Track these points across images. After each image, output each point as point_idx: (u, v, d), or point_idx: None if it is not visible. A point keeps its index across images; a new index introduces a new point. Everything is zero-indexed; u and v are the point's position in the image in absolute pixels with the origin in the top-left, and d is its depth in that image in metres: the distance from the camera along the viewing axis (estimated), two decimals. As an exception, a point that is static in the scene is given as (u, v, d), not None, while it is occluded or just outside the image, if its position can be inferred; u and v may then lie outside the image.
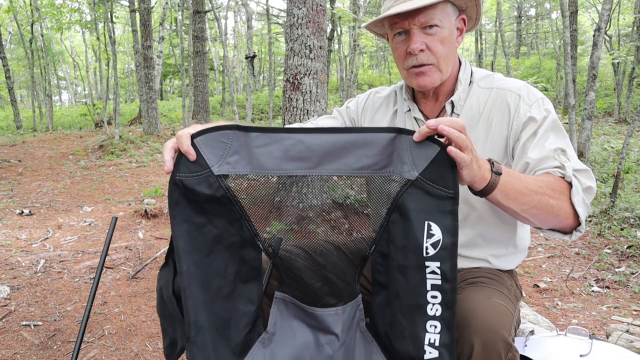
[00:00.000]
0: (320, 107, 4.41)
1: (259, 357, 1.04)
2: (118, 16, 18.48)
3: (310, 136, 0.91)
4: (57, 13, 13.34)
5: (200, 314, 0.94)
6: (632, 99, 11.17)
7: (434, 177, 0.89)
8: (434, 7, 1.12)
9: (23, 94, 29.97)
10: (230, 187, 0.95)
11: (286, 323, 1.08)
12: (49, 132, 12.34)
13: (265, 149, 0.92)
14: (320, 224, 1.09)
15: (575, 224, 1.03)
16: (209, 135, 0.92)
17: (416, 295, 0.91)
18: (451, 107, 1.22)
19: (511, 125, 1.16)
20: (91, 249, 3.74)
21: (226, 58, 9.01)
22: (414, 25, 1.13)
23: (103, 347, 2.23)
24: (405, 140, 0.89)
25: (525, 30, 23.14)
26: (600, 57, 6.49)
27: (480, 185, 0.92)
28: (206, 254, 0.96)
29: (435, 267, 0.89)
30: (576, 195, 1.01)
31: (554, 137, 1.11)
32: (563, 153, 1.07)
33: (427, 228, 0.89)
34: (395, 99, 1.35)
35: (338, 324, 1.04)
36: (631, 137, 4.97)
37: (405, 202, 0.91)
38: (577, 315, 2.70)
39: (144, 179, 7.12)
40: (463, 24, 1.22)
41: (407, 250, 0.91)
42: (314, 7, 4.27)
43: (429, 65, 1.16)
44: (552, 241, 4.03)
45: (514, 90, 1.18)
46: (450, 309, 0.90)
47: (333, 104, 16.29)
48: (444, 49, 1.15)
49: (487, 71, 1.28)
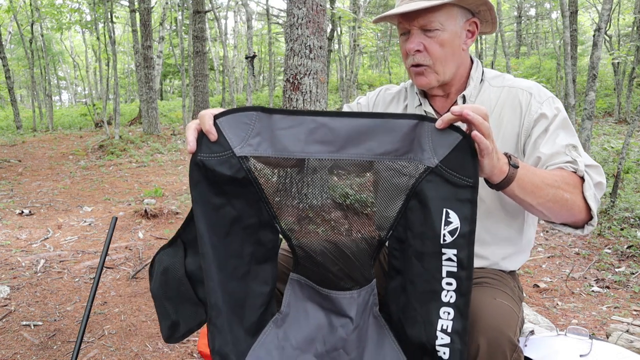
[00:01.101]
0: (320, 107, 4.41)
1: (272, 337, 1.04)
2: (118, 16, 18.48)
3: (334, 120, 0.91)
4: (57, 13, 13.35)
5: (220, 296, 0.95)
6: (632, 99, 11.17)
7: (454, 165, 0.88)
8: (436, 10, 1.13)
9: (23, 94, 29.97)
10: (251, 169, 0.95)
11: (300, 304, 1.08)
12: (49, 132, 12.34)
13: (289, 132, 0.92)
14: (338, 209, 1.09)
15: (587, 218, 1.05)
16: (232, 116, 0.92)
17: (431, 281, 0.91)
18: (463, 102, 1.24)
19: (522, 122, 1.18)
20: (91, 249, 3.74)
21: (226, 58, 9.01)
22: (414, 27, 1.16)
23: (103, 347, 2.23)
24: (427, 127, 0.89)
25: (525, 30, 23.14)
26: (600, 57, 6.49)
27: (498, 177, 0.92)
28: (224, 235, 0.96)
29: (452, 255, 0.89)
30: (588, 189, 1.03)
31: (565, 134, 1.14)
32: (574, 149, 1.09)
33: (445, 215, 0.89)
34: (405, 95, 1.38)
35: (352, 308, 1.05)
36: (631, 137, 4.97)
37: (424, 190, 0.91)
38: (577, 315, 2.70)
39: (144, 179, 7.12)
40: (475, 27, 1.23)
41: (424, 237, 0.91)
42: (314, 7, 4.27)
43: (425, 67, 1.18)
44: (552, 241, 4.03)
45: (525, 89, 1.21)
46: (465, 297, 0.90)
47: (333, 104, 16.29)
48: (443, 52, 1.17)
49: (498, 72, 1.30)
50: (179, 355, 2.20)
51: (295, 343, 1.06)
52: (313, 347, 1.06)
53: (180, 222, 4.59)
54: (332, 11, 12.13)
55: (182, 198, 5.77)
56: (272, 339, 1.04)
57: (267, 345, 1.03)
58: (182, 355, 2.20)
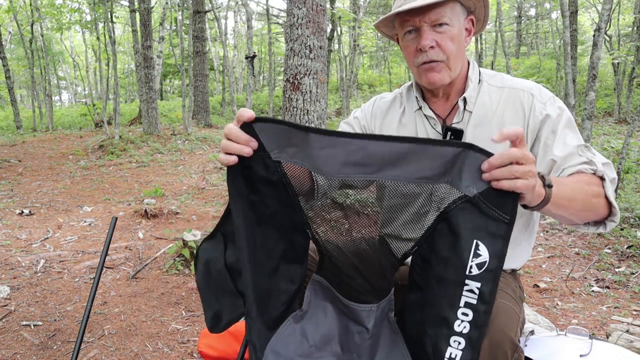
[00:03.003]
0: (320, 107, 4.41)
1: (289, 331, 1.06)
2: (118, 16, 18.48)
3: (373, 143, 0.88)
4: (57, 13, 13.34)
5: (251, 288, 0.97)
6: (632, 99, 11.17)
7: (492, 200, 0.85)
8: (444, 6, 1.13)
9: (23, 94, 29.96)
10: (286, 174, 0.96)
11: (320, 303, 1.10)
12: (49, 132, 12.33)
13: (325, 152, 0.90)
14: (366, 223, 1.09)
15: (608, 214, 1.06)
16: (269, 124, 0.91)
17: (447, 307, 0.89)
18: (464, 104, 1.23)
19: (527, 124, 1.18)
20: (91, 249, 3.74)
21: (226, 58, 9.01)
22: (425, 23, 1.14)
23: (103, 347, 2.23)
24: (471, 156, 0.85)
25: (525, 30, 23.13)
26: (600, 57, 6.49)
27: (536, 202, 0.89)
28: (256, 230, 0.97)
29: (475, 287, 0.87)
30: (609, 188, 1.04)
31: (572, 134, 1.14)
32: (587, 149, 1.10)
33: (475, 247, 0.86)
34: (401, 101, 1.36)
35: (370, 320, 1.05)
36: (631, 137, 4.97)
37: (456, 216, 0.88)
38: (577, 315, 2.70)
39: (144, 179, 7.12)
40: (472, 24, 1.24)
41: (449, 264, 0.89)
42: (314, 7, 4.27)
43: (438, 62, 1.16)
44: (552, 241, 4.03)
45: (527, 90, 1.21)
46: (479, 330, 0.87)
47: (333, 104, 16.28)
48: (454, 47, 1.16)
49: (494, 71, 1.30)
50: (179, 355, 2.20)
51: (312, 340, 1.07)
52: (328, 346, 1.07)
53: (180, 222, 4.59)
54: (332, 11, 12.13)
55: (182, 198, 5.77)
56: (289, 332, 1.06)
57: (284, 338, 1.05)
58: (182, 355, 2.20)
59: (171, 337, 2.37)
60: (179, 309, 2.69)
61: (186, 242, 3.27)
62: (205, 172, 7.64)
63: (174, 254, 3.39)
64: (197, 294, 2.89)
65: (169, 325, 2.48)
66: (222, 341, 2.11)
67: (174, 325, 2.49)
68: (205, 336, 2.17)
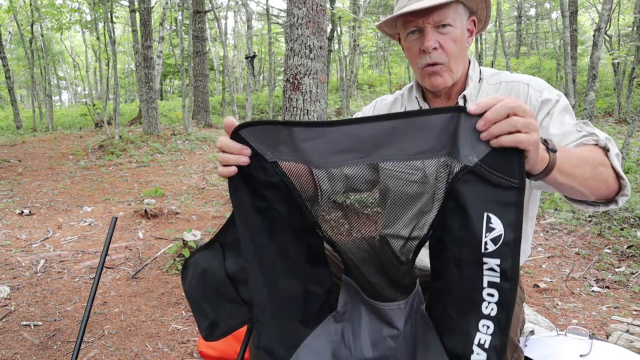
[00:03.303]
0: (320, 107, 4.41)
1: (331, 330, 1.04)
2: (118, 16, 18.48)
3: (359, 127, 0.83)
4: (57, 13, 13.35)
5: (265, 295, 0.95)
6: (632, 99, 11.17)
7: (496, 164, 0.77)
8: (448, 7, 1.14)
9: (23, 94, 29.96)
10: (285, 174, 0.94)
11: (355, 305, 1.07)
12: (49, 132, 12.34)
13: (310, 144, 0.87)
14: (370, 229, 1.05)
15: (618, 188, 1.00)
16: (254, 128, 0.90)
17: (471, 291, 0.82)
18: (464, 102, 1.24)
19: None
20: (91, 249, 3.74)
21: (226, 58, 9.01)
22: (428, 24, 1.14)
23: (103, 347, 2.23)
24: (464, 119, 0.78)
25: (525, 30, 23.13)
26: (600, 57, 6.49)
27: (541, 167, 0.83)
28: (270, 236, 0.95)
29: (495, 265, 0.80)
30: (614, 159, 0.99)
31: (570, 117, 1.12)
32: (586, 124, 1.06)
33: (487, 221, 0.79)
34: (402, 102, 1.36)
35: (400, 319, 1.01)
36: (631, 137, 4.97)
37: (461, 190, 0.81)
38: (577, 315, 2.70)
39: (144, 179, 7.12)
40: (473, 25, 1.24)
41: (463, 244, 0.83)
42: (314, 7, 4.27)
43: (441, 65, 1.17)
44: (552, 241, 4.03)
45: (523, 81, 1.21)
46: (507, 310, 0.81)
47: (333, 104, 16.27)
48: (456, 48, 1.17)
49: (495, 70, 1.30)
50: (179, 355, 2.20)
51: (347, 344, 1.05)
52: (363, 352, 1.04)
53: (180, 222, 4.59)
54: (332, 11, 12.13)
55: (182, 198, 5.77)
56: (329, 332, 1.04)
57: (323, 337, 1.03)
58: (182, 355, 2.20)
59: (171, 337, 2.36)
60: (179, 309, 2.69)
61: (186, 242, 3.27)
62: (205, 172, 7.64)
63: (174, 254, 3.39)
64: (197, 294, 2.90)
65: (169, 325, 2.48)
66: (222, 341, 2.10)
67: (174, 325, 2.49)
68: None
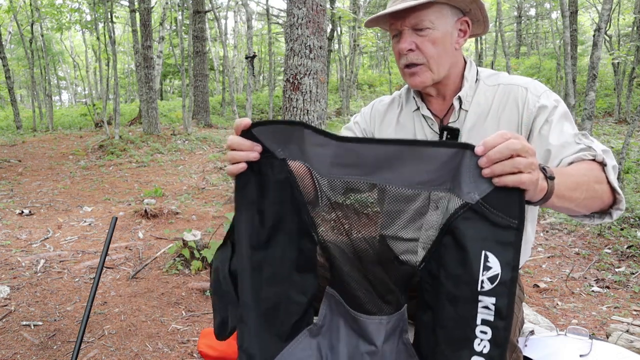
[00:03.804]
0: (320, 107, 4.41)
1: (305, 345, 1.03)
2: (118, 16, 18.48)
3: (361, 146, 0.85)
4: (57, 13, 13.35)
5: (252, 297, 0.95)
6: (632, 99, 11.17)
7: (497, 203, 0.78)
8: (426, 9, 1.15)
9: (23, 94, 29.96)
10: (292, 172, 0.95)
11: (334, 319, 1.07)
12: (49, 132, 12.34)
13: (317, 150, 0.89)
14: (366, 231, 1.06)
15: (612, 201, 1.02)
16: (267, 126, 0.91)
17: (464, 328, 0.83)
18: (459, 103, 1.24)
19: (521, 117, 1.18)
20: (91, 249, 3.74)
21: (226, 58, 9.01)
22: (405, 27, 1.17)
23: (103, 347, 2.23)
24: (468, 157, 0.79)
25: (525, 30, 23.13)
26: (600, 57, 6.49)
27: (539, 196, 0.84)
28: (265, 239, 0.96)
29: (490, 303, 0.80)
30: (611, 173, 1.01)
31: (568, 124, 1.12)
32: (584, 136, 1.07)
33: (484, 259, 0.80)
34: (399, 102, 1.38)
35: (380, 335, 1.01)
36: (631, 137, 4.97)
37: (460, 227, 0.82)
38: (577, 315, 2.70)
39: (144, 179, 7.13)
40: (467, 25, 1.23)
41: (459, 281, 0.83)
42: (314, 7, 4.27)
43: (419, 65, 1.19)
44: (552, 241, 4.03)
45: (521, 84, 1.21)
46: (500, 348, 0.81)
47: (333, 104, 16.27)
48: (435, 50, 1.18)
49: (493, 71, 1.30)
50: (179, 355, 2.20)
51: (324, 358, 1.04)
52: None
53: (180, 222, 4.59)
54: (332, 11, 12.13)
55: (182, 198, 5.77)
56: (304, 347, 1.03)
57: (297, 353, 1.02)
58: (182, 355, 2.20)
59: (171, 337, 2.37)
60: (179, 309, 2.69)
61: (186, 242, 3.28)
62: (205, 172, 7.64)
63: (174, 254, 3.39)
64: (197, 294, 2.90)
65: (169, 325, 2.48)
66: (222, 341, 2.10)
67: (174, 325, 2.49)
68: (205, 336, 2.17)
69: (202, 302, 2.80)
